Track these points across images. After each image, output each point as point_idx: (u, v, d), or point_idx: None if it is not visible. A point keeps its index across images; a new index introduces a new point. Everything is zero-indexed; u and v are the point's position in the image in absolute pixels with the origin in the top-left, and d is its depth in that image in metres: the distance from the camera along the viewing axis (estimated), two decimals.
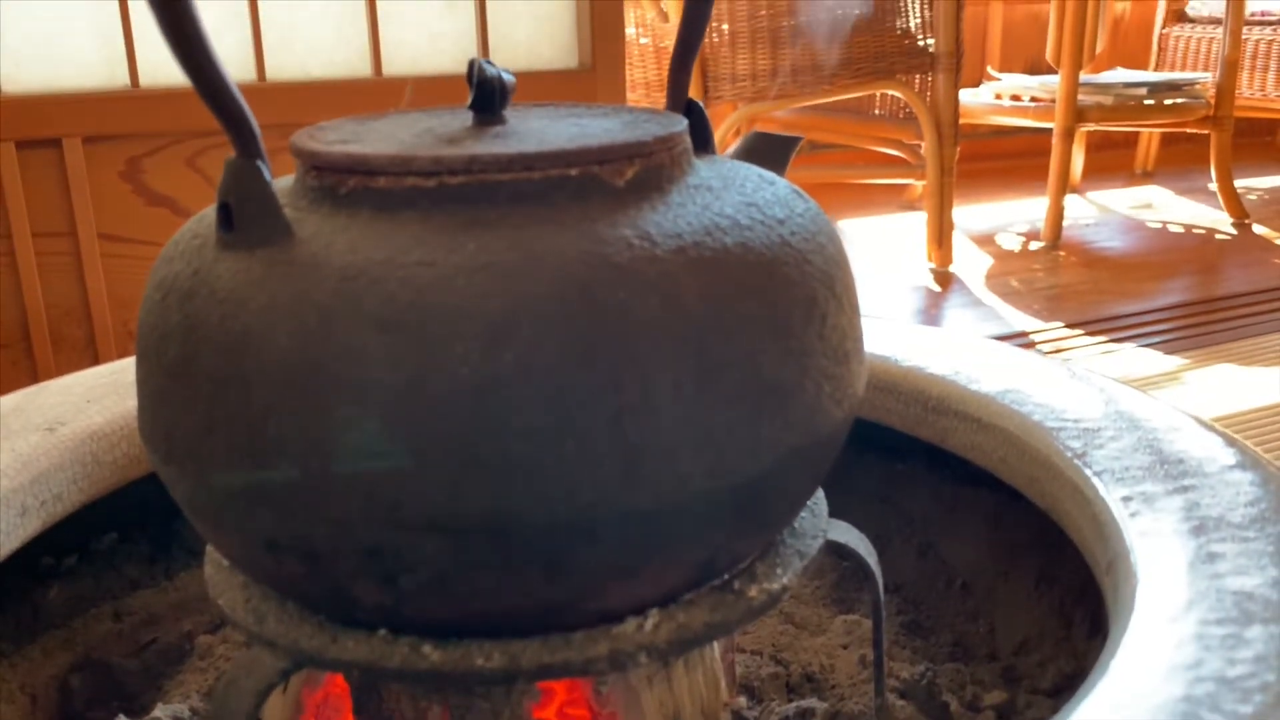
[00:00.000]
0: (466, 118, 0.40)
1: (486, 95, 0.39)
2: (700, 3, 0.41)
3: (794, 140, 0.48)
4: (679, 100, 0.45)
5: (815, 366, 0.36)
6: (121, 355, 1.09)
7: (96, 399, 0.56)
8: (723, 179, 0.39)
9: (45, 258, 1.04)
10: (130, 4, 1.02)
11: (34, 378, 1.05)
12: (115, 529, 0.63)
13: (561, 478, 0.31)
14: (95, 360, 1.08)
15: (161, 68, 1.04)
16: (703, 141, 0.45)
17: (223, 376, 0.32)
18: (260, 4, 1.07)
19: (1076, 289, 1.74)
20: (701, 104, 0.45)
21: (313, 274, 0.32)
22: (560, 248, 0.33)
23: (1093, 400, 0.53)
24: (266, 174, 0.34)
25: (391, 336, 0.31)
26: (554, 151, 0.35)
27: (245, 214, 0.34)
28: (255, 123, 0.34)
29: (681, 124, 0.40)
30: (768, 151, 0.47)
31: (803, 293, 0.36)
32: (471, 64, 0.39)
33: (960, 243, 1.98)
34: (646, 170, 0.36)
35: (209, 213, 0.37)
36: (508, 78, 0.40)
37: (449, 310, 0.31)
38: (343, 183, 0.35)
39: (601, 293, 0.32)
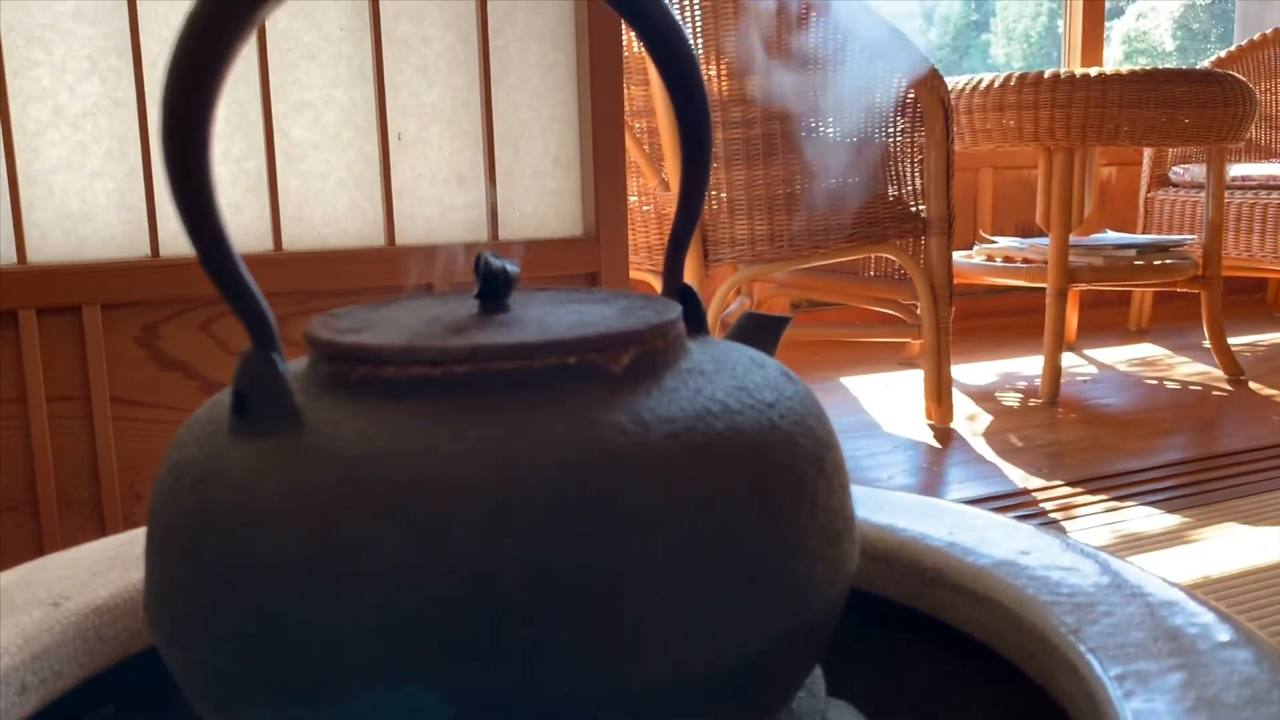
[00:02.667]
0: (473, 305, 0.42)
1: (492, 287, 0.41)
2: (690, 203, 0.44)
3: (783, 321, 0.50)
4: (674, 285, 0.48)
5: (806, 548, 0.37)
6: (128, 517, 1.10)
7: (101, 572, 0.56)
8: (715, 362, 0.41)
9: (57, 421, 1.06)
10: (155, 181, 1.07)
11: (38, 541, 1.06)
12: (112, 701, 0.62)
13: (555, 662, 0.32)
14: (101, 522, 1.09)
15: (181, 237, 1.08)
16: (696, 323, 0.47)
17: (231, 563, 0.34)
18: (279, 179, 1.12)
19: (1077, 446, 1.75)
20: (694, 288, 0.47)
21: (320, 463, 0.34)
22: (557, 435, 0.34)
23: (1088, 572, 0.53)
24: (280, 365, 0.36)
25: (393, 524, 0.32)
26: (554, 341, 0.37)
27: (258, 403, 0.36)
28: (271, 315, 0.36)
29: (675, 310, 0.42)
30: (759, 332, 0.49)
31: (792, 475, 0.37)
32: (478, 259, 0.41)
33: (959, 400, 2.01)
34: (642, 356, 0.38)
35: (222, 397, 0.39)
36: (512, 269, 0.42)
37: (449, 498, 0.32)
38: (352, 371, 0.37)
39: (596, 479, 0.33)
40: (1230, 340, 2.24)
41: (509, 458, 0.33)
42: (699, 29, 1.73)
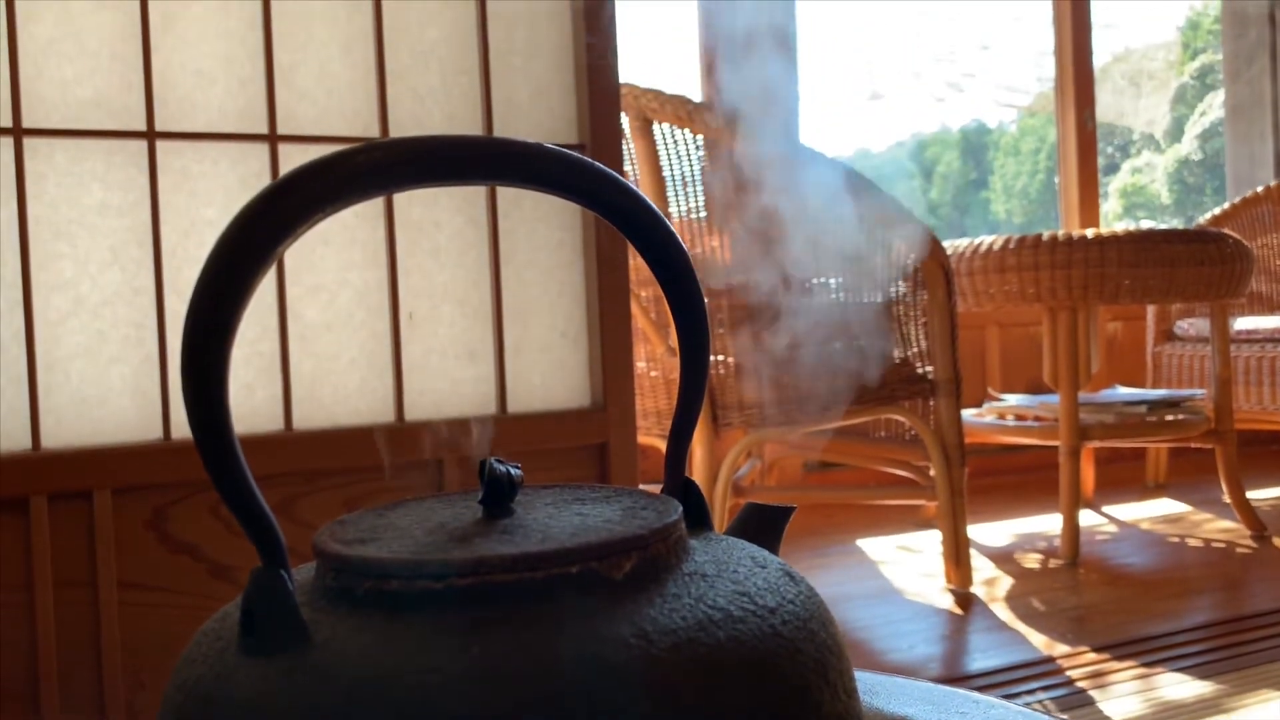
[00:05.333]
0: (477, 510, 0.43)
1: (495, 493, 0.41)
2: (689, 400, 0.45)
3: (786, 512, 0.50)
4: (676, 480, 0.48)
5: None
6: (129, 704, 1.08)
7: None
8: (717, 564, 0.41)
9: (62, 607, 1.05)
10: (170, 365, 1.10)
11: None
12: None
13: None
14: (102, 711, 1.06)
15: None
16: (699, 519, 0.47)
17: None
18: (291, 360, 1.14)
19: (1101, 609, 1.71)
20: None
21: (325, 684, 0.33)
22: (560, 650, 0.34)
23: None
24: (290, 582, 0.36)
25: None
26: (556, 551, 0.37)
27: (266, 621, 0.36)
28: (281, 534, 0.37)
29: (676, 512, 0.42)
30: (762, 524, 0.49)
31: (795, 684, 0.37)
32: (482, 464, 0.42)
33: (978, 561, 1.97)
34: (644, 562, 0.38)
35: (231, 611, 0.39)
36: (516, 473, 0.42)
37: (451, 718, 0.32)
38: (359, 584, 0.37)
39: (598, 696, 0.33)
40: (1250, 494, 2.21)
41: (511, 676, 0.33)
42: (702, 200, 1.79)
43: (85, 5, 1.08)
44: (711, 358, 1.74)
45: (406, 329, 1.20)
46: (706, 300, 1.62)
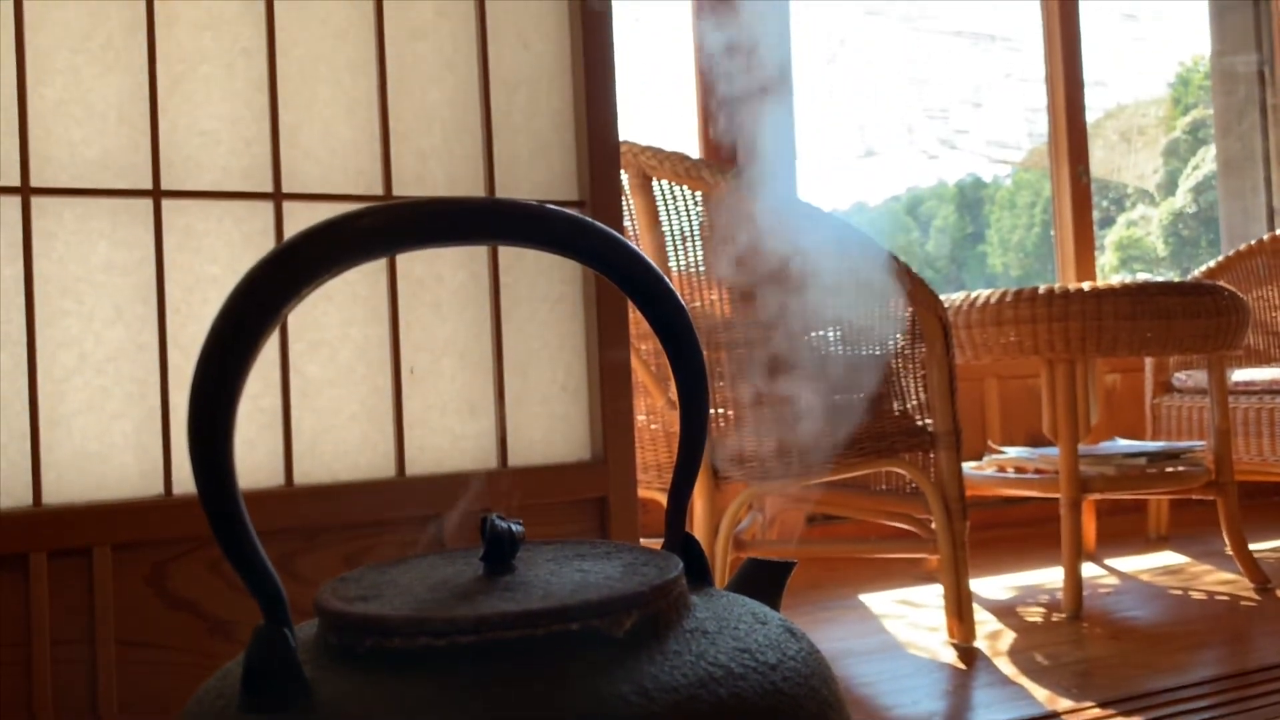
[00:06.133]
0: (478, 566, 0.43)
1: (497, 549, 0.42)
2: (689, 457, 0.45)
3: (787, 567, 0.50)
4: (676, 536, 0.48)
5: None
6: None
7: None
8: (717, 620, 0.41)
9: (59, 664, 1.04)
10: (172, 420, 1.10)
11: None
12: None
13: None
14: None
15: None
16: (699, 575, 0.47)
17: None
18: (293, 415, 1.15)
19: (1106, 663, 1.69)
20: (698, 539, 0.48)
21: None
22: (562, 708, 0.34)
23: None
24: (292, 640, 0.36)
25: None
26: (557, 608, 0.37)
27: (268, 680, 0.36)
28: (284, 591, 0.37)
29: (677, 568, 0.42)
30: (763, 580, 0.49)
31: None
32: (484, 520, 0.42)
33: (980, 615, 1.96)
34: (645, 619, 0.38)
35: (232, 669, 0.39)
36: (517, 529, 0.43)
37: None
38: (360, 642, 0.37)
39: None
40: (1252, 546, 2.20)
41: None
42: (699, 254, 1.80)
43: (94, 68, 1.10)
44: (712, 410, 1.74)
45: (408, 383, 1.21)
46: (706, 353, 1.62)
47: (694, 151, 2.56)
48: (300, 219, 1.15)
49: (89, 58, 1.09)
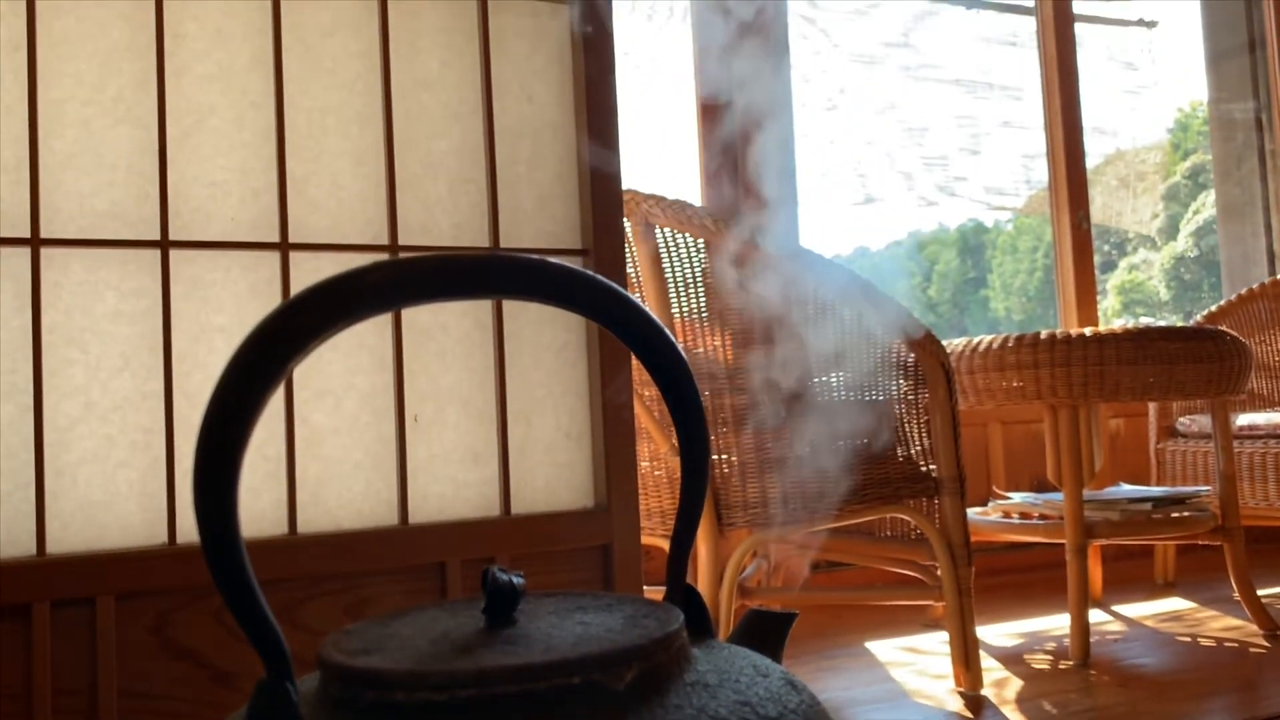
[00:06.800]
0: (480, 619, 0.43)
1: (498, 602, 0.42)
2: (689, 508, 0.46)
3: (789, 617, 0.50)
4: (677, 588, 0.49)
5: None
6: None
7: None
8: (718, 673, 0.41)
9: (61, 715, 1.04)
10: (177, 469, 1.10)
11: None
12: None
13: None
14: None
15: None
16: (701, 626, 0.47)
17: None
18: (298, 464, 1.15)
19: (1114, 711, 1.68)
20: (700, 590, 0.48)
21: None
22: None
23: None
24: (294, 693, 0.36)
25: None
26: (558, 662, 0.37)
27: None
28: (286, 644, 0.37)
29: (678, 620, 0.42)
30: (764, 631, 0.49)
31: None
32: (485, 572, 0.42)
33: (987, 663, 1.94)
34: (646, 672, 0.39)
35: None
36: (518, 581, 0.43)
37: None
38: (362, 695, 0.37)
39: None
40: (1260, 592, 2.18)
41: None
42: (702, 301, 1.81)
43: (105, 120, 1.11)
44: (715, 457, 1.74)
45: (412, 432, 1.21)
46: (709, 400, 1.63)
47: (696, 199, 2.59)
48: (306, 268, 1.16)
49: (100, 110, 1.11)
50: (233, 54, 1.17)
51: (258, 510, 1.13)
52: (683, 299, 1.82)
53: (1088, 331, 1.97)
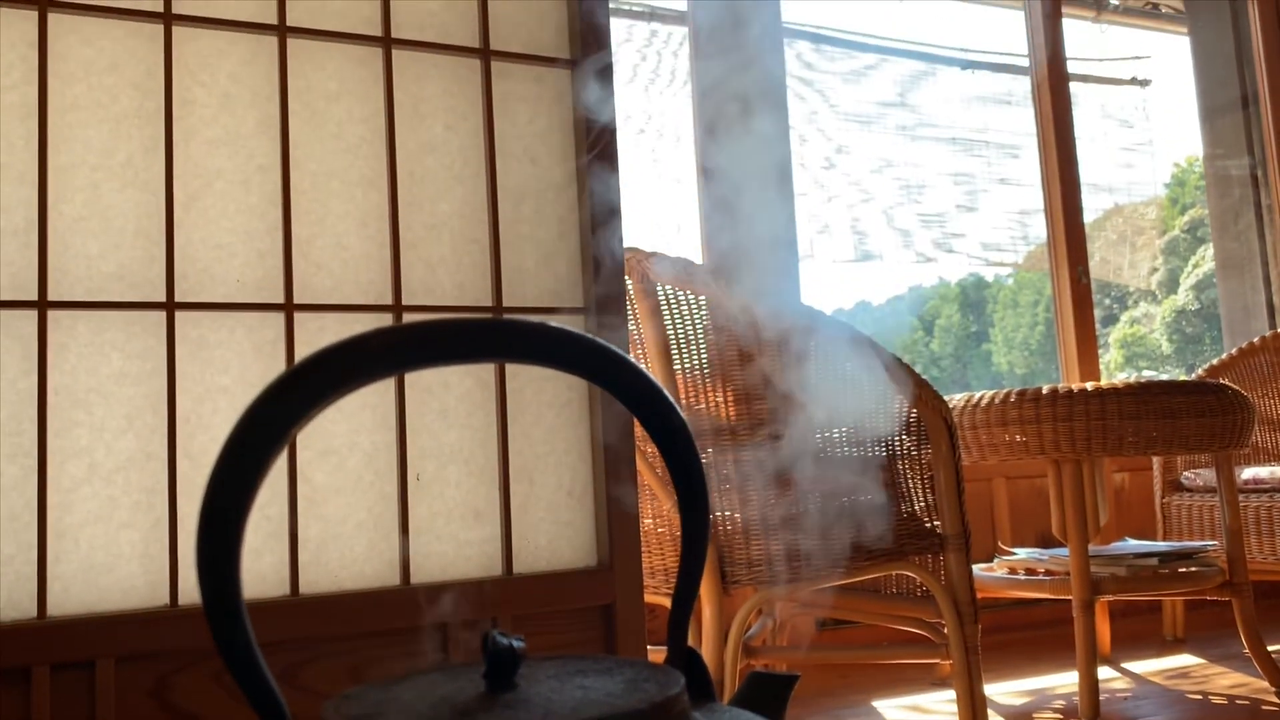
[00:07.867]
0: (480, 684, 0.43)
1: (498, 666, 0.42)
2: (690, 570, 0.46)
3: (790, 680, 0.50)
4: (678, 650, 0.49)
5: None
6: None
7: None
8: None
9: None
10: (180, 531, 1.10)
11: None
12: None
13: None
14: None
15: None
16: (702, 689, 0.47)
17: None
18: (300, 524, 1.15)
19: None
20: (700, 653, 0.48)
21: None
22: None
23: None
24: None
25: None
26: None
27: None
28: (286, 708, 0.37)
29: (678, 684, 0.42)
30: (765, 694, 0.49)
31: None
32: (485, 636, 0.42)
33: None
34: None
35: None
36: (518, 645, 0.43)
37: None
38: None
39: None
40: (1271, 647, 2.16)
41: None
42: (703, 357, 1.82)
43: (113, 184, 1.13)
44: (719, 514, 1.74)
45: (414, 491, 1.21)
46: (711, 456, 1.63)
47: (697, 255, 2.61)
48: (311, 329, 1.17)
49: (109, 174, 1.13)
50: (240, 119, 1.19)
51: (259, 571, 1.13)
52: (684, 355, 1.83)
53: (1090, 386, 1.97)
